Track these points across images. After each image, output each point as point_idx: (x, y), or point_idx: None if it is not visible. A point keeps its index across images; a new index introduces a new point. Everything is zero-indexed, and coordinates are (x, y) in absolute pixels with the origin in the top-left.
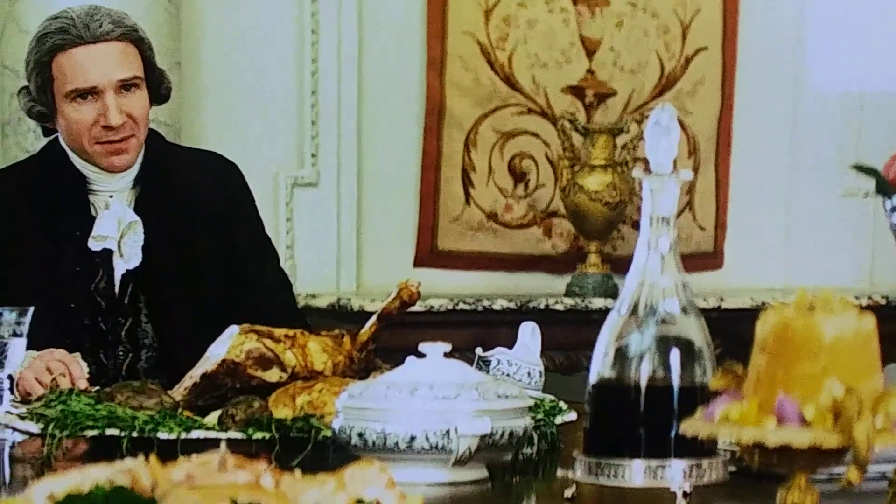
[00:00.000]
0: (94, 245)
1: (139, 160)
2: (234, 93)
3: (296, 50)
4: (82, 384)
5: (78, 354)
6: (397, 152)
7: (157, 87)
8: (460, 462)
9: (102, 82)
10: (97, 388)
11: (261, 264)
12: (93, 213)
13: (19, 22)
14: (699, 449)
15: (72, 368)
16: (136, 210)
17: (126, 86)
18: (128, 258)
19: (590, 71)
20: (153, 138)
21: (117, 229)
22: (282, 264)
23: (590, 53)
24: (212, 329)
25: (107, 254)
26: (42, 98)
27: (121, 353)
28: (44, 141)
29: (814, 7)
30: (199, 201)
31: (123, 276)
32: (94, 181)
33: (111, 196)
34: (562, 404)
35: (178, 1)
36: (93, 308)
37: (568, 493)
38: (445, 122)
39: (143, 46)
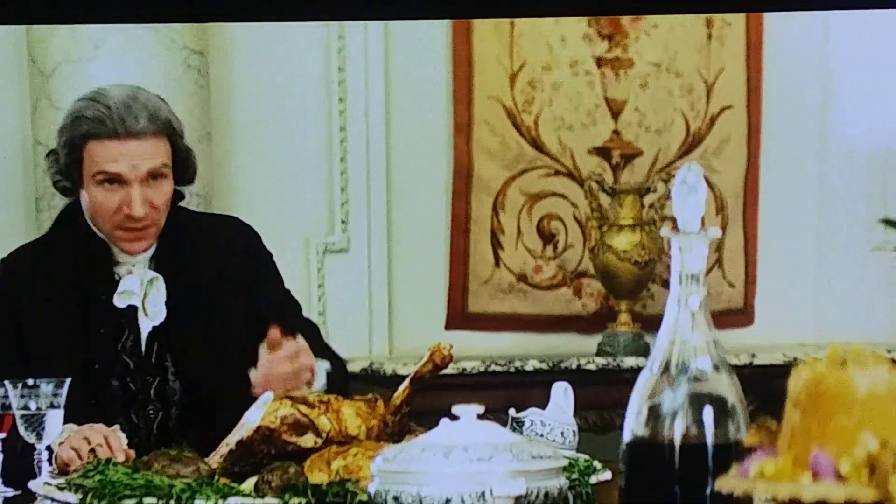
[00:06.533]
0: (120, 301)
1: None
2: (263, 161)
3: (324, 117)
4: (121, 457)
5: (117, 427)
6: (426, 216)
7: (185, 169)
8: None
9: (130, 175)
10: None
11: (280, 315)
12: (116, 277)
13: (52, 98)
14: None
15: (110, 441)
16: (156, 272)
17: (153, 175)
18: (152, 315)
19: (615, 132)
20: (172, 208)
21: (140, 286)
22: None
23: (615, 114)
24: (239, 384)
25: (132, 312)
26: (69, 174)
27: (151, 412)
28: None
29: (839, 63)
30: (216, 261)
31: (149, 334)
32: (115, 253)
33: (133, 265)
34: (596, 464)
35: (207, 72)
36: (121, 368)
37: None
38: (473, 186)
39: (175, 136)
